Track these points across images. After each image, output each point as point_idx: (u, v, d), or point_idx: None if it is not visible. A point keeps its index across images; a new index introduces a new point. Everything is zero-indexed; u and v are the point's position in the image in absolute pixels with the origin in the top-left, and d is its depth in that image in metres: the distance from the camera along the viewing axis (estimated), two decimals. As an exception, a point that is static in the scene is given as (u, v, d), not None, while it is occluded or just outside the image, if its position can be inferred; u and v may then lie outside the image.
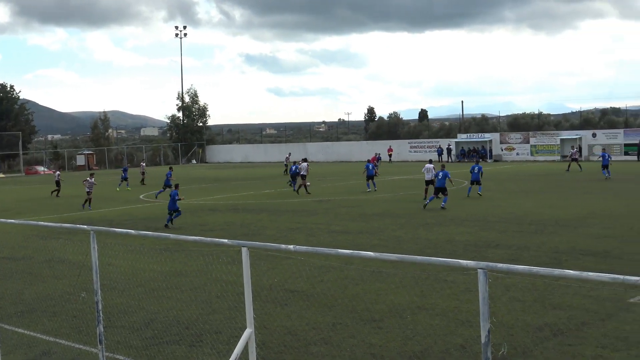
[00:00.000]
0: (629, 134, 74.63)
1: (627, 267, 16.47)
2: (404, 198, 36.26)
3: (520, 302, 13.23)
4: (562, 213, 27.27)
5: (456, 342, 11.04)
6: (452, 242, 21.14)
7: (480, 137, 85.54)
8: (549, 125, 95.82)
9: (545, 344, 10.78)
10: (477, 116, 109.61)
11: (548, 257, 18.15)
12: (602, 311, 12.50)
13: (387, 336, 11.49)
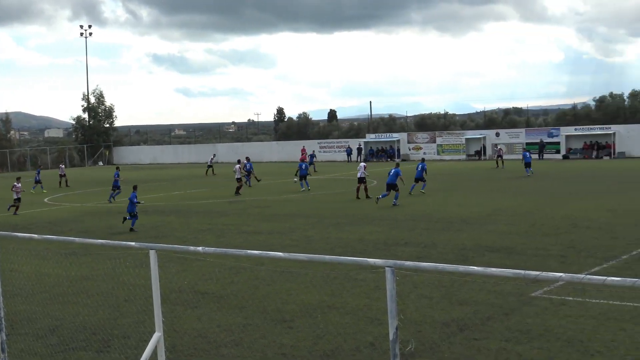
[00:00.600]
0: (530, 134, 76.94)
1: (530, 262, 16.98)
2: (316, 198, 36.44)
3: (428, 299, 13.47)
4: (468, 211, 27.91)
5: (366, 339, 11.16)
6: (363, 241, 21.35)
7: (388, 137, 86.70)
8: (455, 125, 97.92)
9: (452, 339, 11.01)
10: (385, 116, 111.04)
11: (455, 254, 18.54)
12: (506, 305, 12.85)
13: (298, 336, 11.52)
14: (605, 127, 73.62)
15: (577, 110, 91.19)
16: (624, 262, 16.50)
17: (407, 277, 13.06)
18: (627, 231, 21.01)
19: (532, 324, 11.63)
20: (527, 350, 10.33)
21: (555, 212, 26.54)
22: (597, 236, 20.40)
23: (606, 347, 10.28)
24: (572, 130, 75.32)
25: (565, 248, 18.67)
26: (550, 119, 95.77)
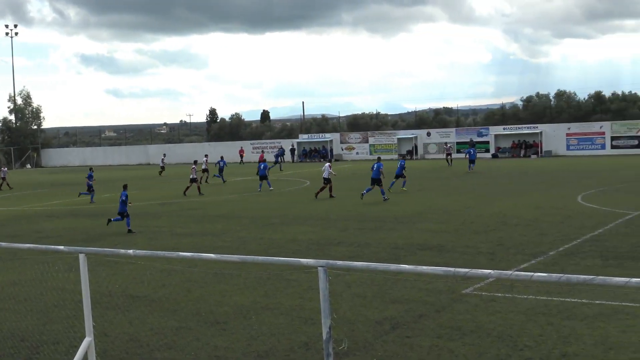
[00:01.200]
0: (460, 133, 78.20)
1: (460, 259, 17.24)
2: (249, 199, 36.31)
3: (361, 298, 13.54)
4: (400, 209, 28.18)
5: (300, 340, 11.16)
6: (296, 241, 21.36)
7: (321, 137, 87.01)
8: (387, 125, 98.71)
9: (385, 338, 11.09)
10: (318, 117, 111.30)
11: (387, 252, 18.69)
12: (438, 303, 13.01)
13: (232, 337, 11.45)
14: (533, 127, 75.29)
15: (505, 110, 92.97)
16: (551, 258, 16.88)
17: (340, 277, 13.11)
18: (554, 228, 21.50)
19: (463, 320, 11.79)
20: (458, 346, 10.47)
21: (485, 210, 27.02)
22: (525, 233, 20.83)
23: (535, 341, 10.49)
24: (501, 129, 76.82)
25: (495, 245, 19.01)
26: (480, 119, 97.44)
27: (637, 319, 11.31)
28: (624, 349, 9.96)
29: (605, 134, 69.84)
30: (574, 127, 72.50)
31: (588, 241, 18.99)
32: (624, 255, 16.90)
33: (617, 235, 19.80)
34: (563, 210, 25.85)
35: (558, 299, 12.70)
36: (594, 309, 12.03)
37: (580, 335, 10.68)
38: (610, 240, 18.92)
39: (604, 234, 20.02)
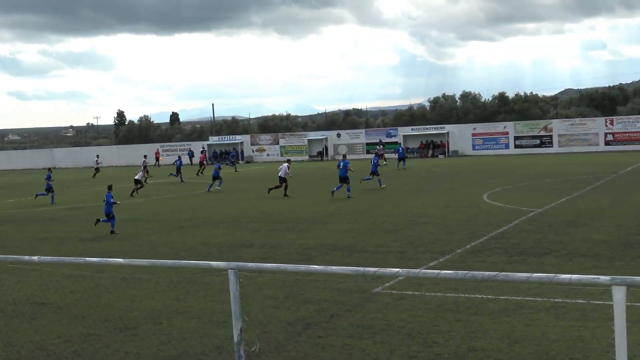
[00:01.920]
0: (370, 134, 79.17)
1: (370, 259, 17.43)
2: (160, 202, 35.82)
3: (273, 299, 13.53)
4: (311, 210, 28.31)
5: (212, 343, 11.07)
6: (207, 244, 21.18)
7: (231, 139, 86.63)
8: (297, 126, 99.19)
9: (297, 338, 11.12)
10: (228, 118, 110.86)
11: (299, 253, 18.74)
12: (349, 302, 13.12)
13: (143, 343, 11.26)
14: (440, 127, 76.89)
15: (413, 111, 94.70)
16: (459, 256, 17.25)
17: (251, 279, 13.06)
18: (461, 226, 21.98)
19: (374, 319, 11.93)
20: (370, 345, 10.58)
21: (394, 209, 27.41)
22: (433, 232, 21.22)
23: (443, 337, 10.70)
24: (409, 130, 78.15)
25: (404, 244, 19.30)
26: (388, 120, 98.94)
27: (540, 313, 11.66)
28: (527, 342, 10.26)
29: (509, 134, 71.86)
30: (479, 128, 74.37)
31: (493, 238, 19.49)
32: (527, 251, 17.42)
33: (520, 232, 20.39)
34: (470, 208, 26.46)
35: (465, 295, 12.99)
36: (499, 304, 12.35)
37: (487, 330, 10.94)
38: (514, 237, 19.47)
39: (508, 231, 20.58)
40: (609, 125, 68.50)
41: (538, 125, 71.98)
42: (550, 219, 22.50)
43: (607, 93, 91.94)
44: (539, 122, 72.86)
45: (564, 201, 27.23)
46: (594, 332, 10.44)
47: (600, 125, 68.89)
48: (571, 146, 69.03)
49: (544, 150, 69.46)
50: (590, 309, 11.56)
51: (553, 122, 71.59)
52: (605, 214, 23.22)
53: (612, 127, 68.31)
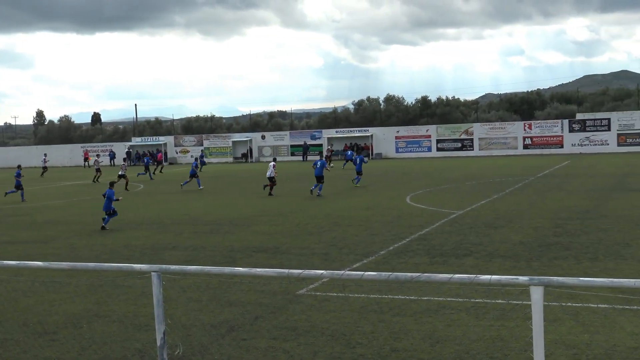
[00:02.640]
0: (295, 136, 79.33)
1: (295, 261, 17.46)
2: (80, 204, 35.11)
3: (197, 302, 13.41)
4: (236, 212, 28.19)
5: (134, 347, 10.91)
6: (129, 246, 20.86)
7: (155, 140, 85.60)
8: (222, 128, 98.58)
9: (221, 341, 11.05)
10: (151, 119, 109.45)
11: (223, 255, 18.63)
12: (274, 304, 13.10)
13: (62, 348, 11.01)
14: (364, 130, 77.62)
15: (338, 114, 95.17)
16: (382, 257, 17.42)
17: (174, 282, 12.93)
18: (384, 228, 22.21)
19: (298, 320, 11.94)
20: (294, 346, 10.59)
21: (318, 211, 27.51)
22: (357, 233, 21.38)
23: (367, 338, 10.79)
24: (334, 132, 78.59)
25: (328, 246, 19.39)
26: (313, 122, 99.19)
27: (461, 313, 11.87)
28: (449, 342, 10.43)
29: (431, 137, 73.01)
30: (403, 131, 75.34)
31: (416, 240, 19.76)
32: (449, 252, 17.72)
33: (442, 233, 20.72)
34: (393, 210, 26.76)
35: (388, 296, 13.12)
36: (421, 305, 12.52)
37: (410, 330, 11.08)
38: (436, 239, 19.77)
39: (430, 233, 20.89)
40: (527, 130, 70.28)
41: (459, 128, 73.34)
42: (471, 221, 22.95)
43: (525, 98, 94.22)
44: (460, 126, 74.24)
45: (484, 203, 27.80)
46: (512, 331, 10.68)
47: (519, 129, 70.61)
48: (491, 149, 70.57)
49: (465, 154, 70.81)
50: (509, 309, 11.82)
51: (474, 126, 73.04)
52: (524, 215, 23.79)
53: (530, 131, 70.10)
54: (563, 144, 68.50)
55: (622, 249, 17.15)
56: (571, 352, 9.75)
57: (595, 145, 67.23)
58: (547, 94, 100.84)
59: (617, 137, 66.92)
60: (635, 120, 66.70)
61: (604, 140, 67.24)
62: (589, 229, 20.42)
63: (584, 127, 68.15)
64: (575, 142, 68.10)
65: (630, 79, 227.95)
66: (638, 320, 10.97)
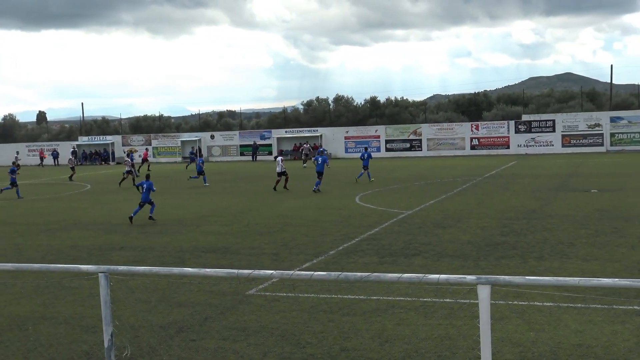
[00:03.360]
0: (244, 136, 79.05)
1: (245, 261, 17.41)
2: (25, 204, 34.48)
3: (145, 303, 13.29)
4: (185, 213, 27.99)
5: (81, 349, 10.76)
6: (76, 247, 20.57)
7: (102, 139, 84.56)
8: (170, 127, 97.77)
9: (170, 342, 10.96)
10: (99, 118, 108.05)
11: (172, 256, 18.49)
12: (223, 305, 13.05)
13: (7, 350, 10.81)
14: (313, 130, 77.66)
15: (287, 114, 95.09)
16: (332, 257, 17.47)
17: (123, 282, 12.77)
18: (334, 228, 22.27)
19: (248, 321, 11.91)
20: (244, 347, 10.56)
21: (268, 211, 27.46)
22: (307, 233, 21.40)
23: (317, 338, 10.81)
24: (283, 132, 78.52)
25: (279, 246, 19.38)
26: (263, 122, 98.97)
27: (410, 312, 11.97)
28: (398, 341, 10.51)
29: (380, 137, 73.41)
30: (352, 131, 75.62)
31: (365, 240, 19.86)
32: (398, 252, 17.84)
33: (391, 233, 20.86)
34: (342, 210, 26.84)
35: (338, 296, 13.16)
36: (371, 304, 12.59)
37: (359, 329, 11.13)
38: (385, 239, 19.90)
39: (379, 233, 21.02)
40: (475, 130, 71.12)
41: (408, 129, 73.88)
42: (420, 221, 23.14)
43: (473, 99, 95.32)
44: (408, 126, 74.80)
45: (432, 203, 28.06)
46: (460, 329, 10.80)
47: (466, 130, 71.43)
48: (439, 150, 71.27)
49: (413, 154, 71.38)
50: (457, 308, 11.95)
51: (422, 127, 73.65)
52: (471, 215, 24.08)
53: (477, 132, 70.96)
54: (509, 145, 69.48)
55: (566, 248, 17.47)
56: (517, 349, 9.90)
57: (540, 146, 68.35)
58: (494, 95, 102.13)
59: (562, 138, 68.12)
60: (579, 121, 68.01)
61: (548, 141, 68.40)
62: (534, 228, 20.76)
63: (529, 128, 69.22)
64: (521, 143, 69.12)
65: (574, 81, 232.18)
66: (582, 318, 11.20)
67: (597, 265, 15.46)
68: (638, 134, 66.04)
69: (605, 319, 11.11)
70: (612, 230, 19.97)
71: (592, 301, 11.86)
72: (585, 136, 67.49)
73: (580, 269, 15.04)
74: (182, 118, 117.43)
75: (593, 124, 67.44)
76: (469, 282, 6.76)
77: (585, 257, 16.37)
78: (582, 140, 67.52)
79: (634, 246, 17.45)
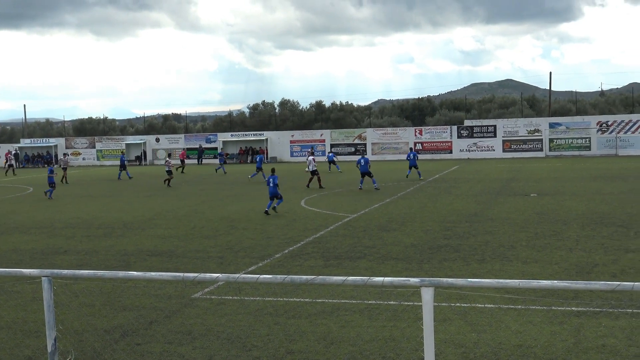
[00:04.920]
0: (190, 139, 78.50)
1: (190, 264, 17.30)
2: (-37, 207, 33.68)
3: (89, 307, 13.10)
4: (129, 216, 27.66)
5: (24, 354, 10.56)
6: (18, 251, 20.17)
7: (45, 142, 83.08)
8: (115, 130, 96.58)
9: (115, 346, 10.82)
10: (42, 120, 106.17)
11: (117, 259, 18.26)
12: (169, 308, 12.94)
13: (-54, 357, 10.55)
14: (259, 134, 77.54)
15: (233, 117, 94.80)
16: (277, 260, 17.45)
17: (66, 287, 12.57)
18: (280, 231, 22.25)
19: (193, 324, 11.83)
20: (189, 350, 10.49)
21: (213, 214, 27.32)
22: (253, 237, 21.35)
23: (262, 341, 10.79)
24: (229, 136, 78.23)
25: (224, 249, 19.29)
26: (208, 125, 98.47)
27: (355, 315, 12.03)
28: (343, 343, 10.55)
29: (325, 141, 73.61)
30: (297, 135, 75.70)
31: (311, 243, 19.89)
32: (343, 255, 17.92)
33: (337, 236, 20.94)
34: (288, 214, 26.84)
35: (284, 299, 13.16)
36: (316, 307, 12.62)
37: (305, 332, 11.15)
38: (330, 242, 19.96)
39: (325, 236, 21.08)
40: (418, 135, 71.84)
41: (353, 133, 74.25)
42: (364, 224, 23.27)
43: (416, 104, 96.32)
44: (353, 131, 75.17)
45: (377, 207, 28.25)
46: (404, 331, 10.90)
47: (410, 135, 72.09)
48: (384, 154, 71.76)
49: (358, 158, 71.69)
50: (401, 310, 12.06)
51: (367, 131, 74.08)
52: (415, 219, 24.30)
53: (420, 136, 71.69)
54: (452, 150, 70.36)
55: (507, 251, 17.76)
56: (460, 350, 10.03)
57: (482, 151, 69.36)
58: (437, 100, 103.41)
59: (503, 144, 69.24)
60: (519, 127, 69.20)
61: (490, 146, 69.47)
62: (476, 231, 21.05)
63: (471, 133, 70.19)
64: (464, 148, 70.06)
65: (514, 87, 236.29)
66: (522, 319, 11.40)
67: (537, 267, 15.75)
68: (576, 139, 67.51)
69: (545, 320, 11.33)
70: (550, 233, 20.36)
71: (532, 302, 12.08)
72: (525, 141, 68.72)
73: (520, 271, 15.31)
74: (127, 121, 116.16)
75: (533, 130, 68.71)
76: (412, 284, 6.83)
77: (526, 259, 16.67)
78: (522, 145, 68.73)
79: (571, 249, 17.83)
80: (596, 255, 16.87)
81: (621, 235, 19.57)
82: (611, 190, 31.92)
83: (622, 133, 66.42)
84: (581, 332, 10.74)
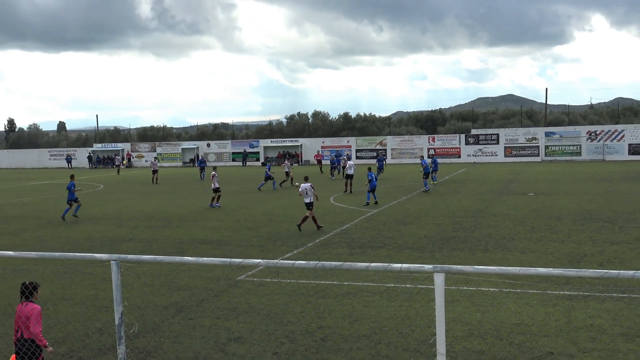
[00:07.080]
0: (236, 144, 78.76)
1: (235, 251, 17.35)
2: (46, 202, 34.10)
3: (150, 287, 13.21)
4: (184, 210, 27.83)
5: (95, 326, 10.68)
6: (90, 239, 20.38)
7: (113, 146, 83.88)
8: (172, 136, 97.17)
9: (171, 320, 10.91)
10: (111, 128, 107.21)
11: (173, 247, 18.38)
12: (217, 288, 13.00)
13: (30, 327, 10.67)
14: (294, 140, 77.52)
15: (272, 126, 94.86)
16: (309, 249, 17.45)
17: (131, 269, 12.68)
18: (311, 224, 22.22)
19: (238, 302, 11.88)
20: (234, 324, 10.54)
21: (255, 209, 27.38)
22: (289, 228, 21.36)
23: (296, 317, 10.81)
24: (269, 142, 78.30)
25: (264, 239, 19.33)
26: (251, 133, 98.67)
27: (375, 296, 11.99)
28: (366, 320, 10.53)
29: (351, 147, 73.44)
30: (328, 141, 75.55)
31: (338, 234, 19.86)
32: (366, 245, 17.87)
33: (360, 229, 20.88)
34: (319, 209, 26.77)
35: (315, 281, 13.16)
36: (343, 289, 12.60)
37: (333, 310, 11.14)
38: (355, 233, 19.91)
39: (350, 228, 21.03)
40: (431, 142, 71.37)
41: (375, 140, 73.97)
42: (384, 218, 23.18)
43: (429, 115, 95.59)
44: (375, 138, 74.85)
45: (395, 204, 28.12)
46: (418, 310, 10.84)
47: (424, 142, 71.64)
48: (401, 158, 71.43)
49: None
50: (416, 292, 12.00)
51: (387, 138, 73.76)
52: (428, 214, 24.16)
53: (433, 143, 71.21)
54: (460, 155, 69.81)
55: (507, 242, 17.59)
56: (466, 327, 9.96)
57: (486, 156, 68.73)
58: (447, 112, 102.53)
59: (504, 150, 68.54)
60: (519, 135, 68.47)
61: (493, 152, 68.81)
62: (481, 225, 20.87)
63: (477, 140, 69.58)
64: (470, 153, 69.48)
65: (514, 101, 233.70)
66: (521, 301, 11.28)
67: (534, 256, 15.58)
68: (568, 146, 66.65)
69: (540, 302, 11.21)
70: (545, 227, 20.13)
71: (529, 287, 11.96)
72: (524, 148, 67.98)
73: (519, 260, 15.16)
74: (182, 128, 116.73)
75: (530, 138, 67.94)
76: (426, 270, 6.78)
77: (524, 249, 16.50)
78: (522, 151, 67.98)
79: (563, 241, 17.61)
80: (585, 247, 16.65)
81: (607, 230, 19.30)
82: (598, 191, 31.47)
83: (609, 141, 65.44)
84: (572, 313, 10.61)
